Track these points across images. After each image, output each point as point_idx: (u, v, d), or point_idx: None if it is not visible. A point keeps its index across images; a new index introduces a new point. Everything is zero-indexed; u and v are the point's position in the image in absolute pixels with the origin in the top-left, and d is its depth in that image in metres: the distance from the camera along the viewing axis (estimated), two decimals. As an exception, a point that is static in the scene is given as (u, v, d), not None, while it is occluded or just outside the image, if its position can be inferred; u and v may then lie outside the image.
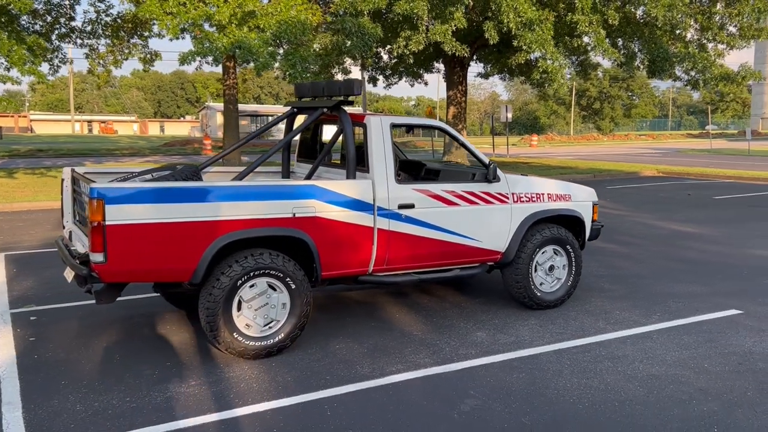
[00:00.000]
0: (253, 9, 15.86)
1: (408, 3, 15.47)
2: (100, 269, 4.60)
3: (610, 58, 17.29)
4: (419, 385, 4.64)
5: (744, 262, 8.53)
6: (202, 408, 4.28)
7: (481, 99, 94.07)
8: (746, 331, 5.77)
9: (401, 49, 17.46)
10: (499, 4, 16.21)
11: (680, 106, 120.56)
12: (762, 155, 32.15)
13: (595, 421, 4.10)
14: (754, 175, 20.44)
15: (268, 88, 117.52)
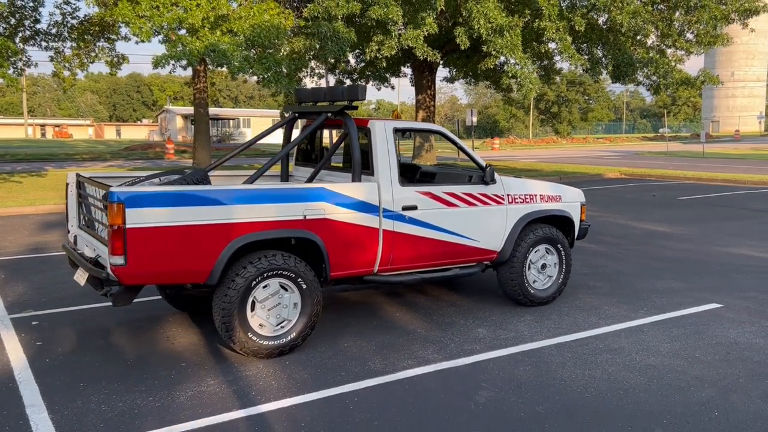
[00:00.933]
0: (225, 13, 15.90)
1: (382, 8, 15.68)
2: (119, 272, 4.67)
3: (576, 63, 17.76)
4: (433, 379, 4.83)
5: (716, 259, 8.95)
6: (227, 405, 4.39)
7: (441, 103, 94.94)
8: (729, 323, 6.11)
9: (374, 54, 17.65)
10: (470, 10, 16.55)
11: (633, 110, 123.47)
12: (716, 157, 33.29)
13: (604, 408, 4.34)
14: (712, 176, 21.21)
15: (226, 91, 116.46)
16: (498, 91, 28.84)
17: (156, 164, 29.35)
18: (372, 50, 17.61)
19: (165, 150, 37.17)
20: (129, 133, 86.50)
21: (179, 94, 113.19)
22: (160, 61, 15.19)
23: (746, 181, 19.89)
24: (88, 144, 57.62)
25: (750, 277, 7.92)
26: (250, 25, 15.92)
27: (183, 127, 66.23)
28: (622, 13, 16.66)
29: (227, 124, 68.74)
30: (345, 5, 15.94)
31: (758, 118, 75.68)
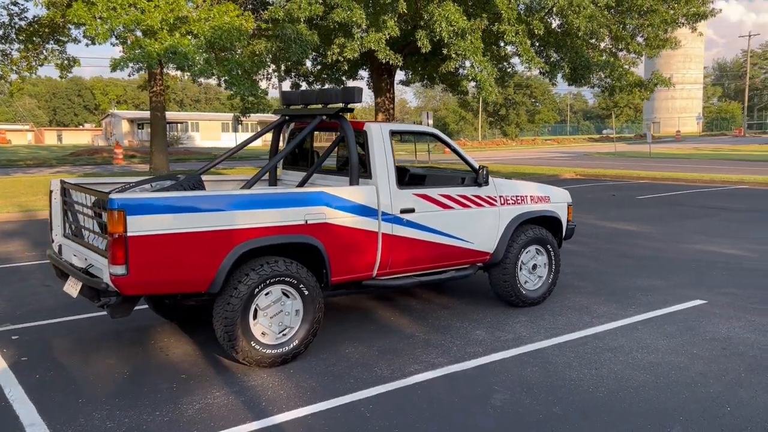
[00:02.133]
0: (185, 14, 15.58)
1: (346, 11, 15.61)
2: (120, 282, 4.48)
3: (535, 66, 18.03)
4: (443, 383, 4.79)
5: (688, 257, 9.18)
6: (240, 417, 4.26)
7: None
8: (717, 319, 6.25)
9: (335, 56, 17.56)
10: (431, 13, 16.63)
11: (577, 112, 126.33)
12: (662, 157, 34.30)
13: (619, 407, 4.37)
14: (663, 175, 21.82)
15: (171, 94, 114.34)
16: (454, 94, 29.10)
17: (106, 170, 28.55)
18: (333, 53, 17.50)
19: (114, 155, 36.21)
20: (71, 138, 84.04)
21: (123, 97, 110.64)
22: (118, 63, 14.78)
23: (697, 180, 20.53)
24: (29, 150, 55.78)
25: (724, 274, 8.14)
26: (210, 27, 15.64)
27: (129, 132, 64.70)
28: (579, 17, 16.99)
29: (175, 128, 67.42)
30: (307, 7, 15.82)
31: (697, 119, 78.35)
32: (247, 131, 66.00)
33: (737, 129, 75.27)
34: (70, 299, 6.98)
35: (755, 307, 6.64)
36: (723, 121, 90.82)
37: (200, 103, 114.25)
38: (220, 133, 70.55)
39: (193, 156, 41.73)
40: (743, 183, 19.47)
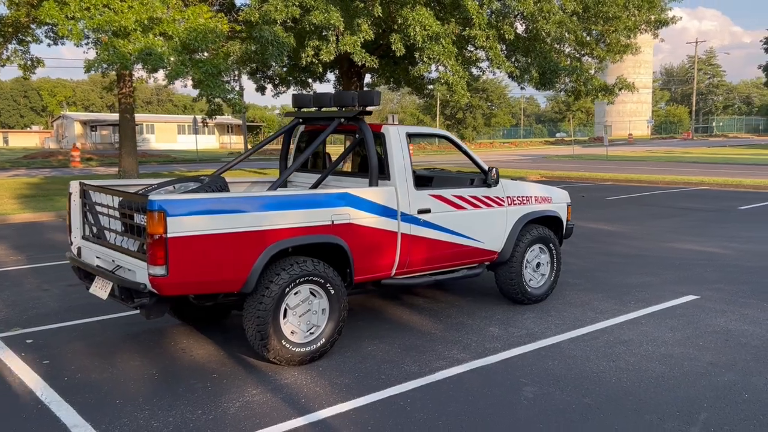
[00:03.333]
0: (160, 15, 15.41)
1: (323, 14, 15.67)
2: (160, 283, 4.51)
3: (506, 71, 18.37)
4: (472, 378, 4.94)
5: (670, 254, 9.56)
6: (284, 414, 4.33)
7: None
8: (714, 313, 6.57)
9: (310, 59, 17.58)
10: (405, 17, 16.79)
11: (529, 115, 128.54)
12: (619, 159, 35.25)
13: (644, 396, 4.59)
14: (626, 177, 22.48)
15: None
16: (420, 97, 29.36)
17: (65, 173, 27.94)
18: (308, 55, 17.52)
19: (70, 158, 35.34)
20: (18, 140, 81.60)
21: (72, 99, 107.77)
22: (92, 64, 14.55)
23: (659, 182, 21.22)
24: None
25: (709, 270, 8.52)
26: (185, 29, 15.50)
27: (82, 134, 63.23)
28: (549, 23, 17.40)
29: (129, 131, 66.13)
30: (284, 10, 15.82)
31: (648, 123, 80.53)
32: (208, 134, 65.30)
33: (685, 132, 77.75)
34: (74, 302, 7.00)
35: (745, 301, 6.99)
36: (671, 124, 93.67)
37: (152, 105, 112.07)
38: (176, 135, 69.56)
39: (152, 158, 41.07)
40: (703, 184, 20.21)
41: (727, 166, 28.70)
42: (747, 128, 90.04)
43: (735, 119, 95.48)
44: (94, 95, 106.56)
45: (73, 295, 7.40)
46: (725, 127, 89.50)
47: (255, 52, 16.47)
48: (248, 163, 35.61)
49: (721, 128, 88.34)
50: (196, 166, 34.19)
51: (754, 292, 7.36)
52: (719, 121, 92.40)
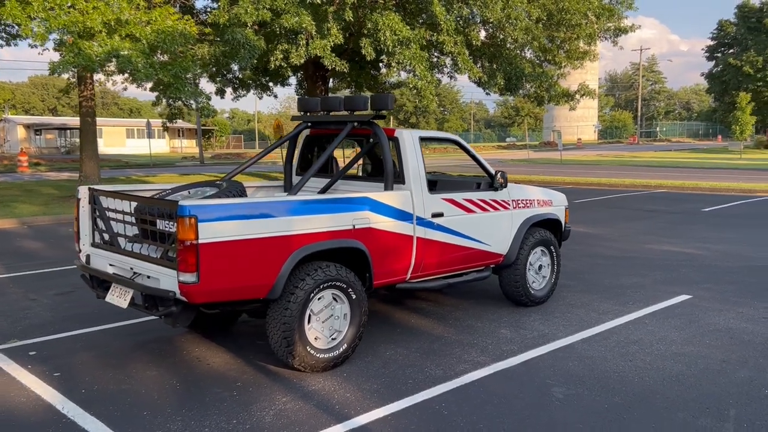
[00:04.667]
0: (127, 17, 15.06)
1: (294, 17, 15.56)
2: (190, 290, 4.40)
3: (474, 76, 18.57)
4: (499, 380, 4.97)
5: (651, 256, 9.81)
6: (320, 421, 4.27)
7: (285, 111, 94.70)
8: (711, 312, 6.77)
9: (278, 62, 17.44)
10: (375, 22, 16.82)
11: (479, 120, 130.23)
12: (574, 163, 35.98)
13: (671, 394, 4.70)
14: (588, 180, 22.99)
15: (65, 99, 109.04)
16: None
17: (16, 178, 27.01)
18: (277, 58, 17.37)
19: (18, 162, 34.17)
20: (-48, 144, 78.23)
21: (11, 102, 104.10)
22: (58, 66, 14.09)
23: (619, 185, 21.77)
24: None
25: (693, 271, 8.77)
26: (153, 31, 15.18)
27: (26, 138, 61.11)
28: (516, 30, 17.67)
29: (75, 134, 64.33)
30: (254, 12, 15.65)
31: (595, 128, 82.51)
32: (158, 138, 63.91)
33: (631, 137, 79.92)
34: (68, 312, 6.80)
35: (736, 300, 7.22)
36: (616, 129, 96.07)
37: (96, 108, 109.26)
38: (125, 139, 67.98)
39: (103, 163, 39.86)
40: (662, 187, 20.82)
41: (678, 169, 29.62)
42: (688, 133, 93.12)
43: (677, 124, 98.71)
44: (35, 98, 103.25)
45: (63, 305, 7.17)
46: (668, 131, 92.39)
47: (225, 54, 16.23)
48: (174, 168, 35.13)
49: (664, 133, 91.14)
50: (152, 171, 33.46)
51: (742, 292, 7.61)
52: (662, 126, 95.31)
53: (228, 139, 79.28)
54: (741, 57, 50.33)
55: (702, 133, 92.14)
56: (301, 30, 15.91)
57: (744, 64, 49.48)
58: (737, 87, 49.79)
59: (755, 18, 51.20)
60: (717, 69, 54.08)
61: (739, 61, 50.07)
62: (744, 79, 49.72)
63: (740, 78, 50.12)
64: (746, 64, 49.37)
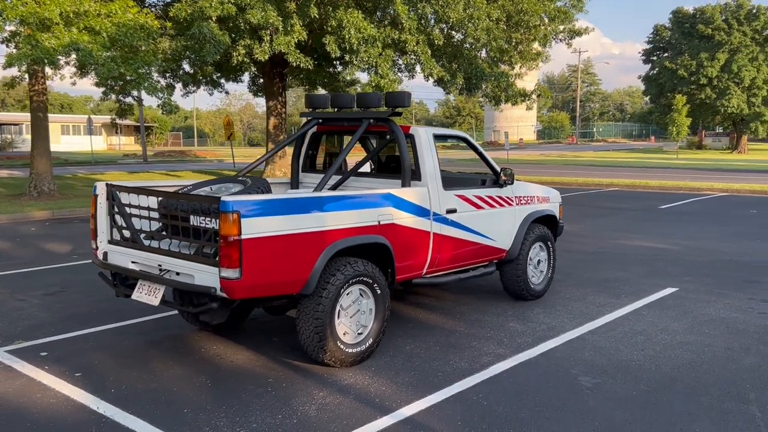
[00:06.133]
0: (87, 9, 14.61)
1: (261, 12, 15.42)
2: (232, 286, 4.37)
3: (437, 75, 18.77)
4: (524, 371, 5.10)
5: (628, 251, 10.19)
6: (366, 414, 4.31)
7: (236, 110, 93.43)
8: (700, 303, 7.10)
9: (241, 58, 17.23)
10: (339, 19, 16.81)
11: (420, 120, 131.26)
12: (521, 163, 36.74)
13: (690, 381, 4.92)
14: (542, 179, 23.48)
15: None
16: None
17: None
18: (240, 54, 17.16)
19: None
20: None
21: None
22: (16, 59, 13.58)
23: (572, 183, 22.40)
24: None
25: (669, 265, 9.15)
26: (113, 24, 14.78)
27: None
28: (478, 30, 17.96)
29: (8, 131, 61.86)
30: (219, 6, 15.43)
31: (535, 128, 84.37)
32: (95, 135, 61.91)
33: (570, 137, 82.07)
34: (65, 312, 6.66)
35: (719, 292, 7.59)
36: (554, 129, 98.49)
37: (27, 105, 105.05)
38: (60, 135, 65.60)
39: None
40: (614, 185, 21.54)
41: (622, 168, 30.66)
42: (623, 133, 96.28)
43: (612, 125, 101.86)
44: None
45: (56, 305, 6.96)
46: (604, 132, 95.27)
47: (189, 49, 15.93)
48: (119, 166, 34.34)
49: (601, 133, 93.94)
50: (96, 168, 32.48)
51: (721, 284, 7.99)
52: (599, 127, 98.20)
53: (168, 137, 77.58)
54: (676, 60, 52.33)
55: (636, 134, 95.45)
56: (268, 25, 15.77)
57: (679, 67, 51.46)
58: (672, 89, 51.78)
59: (689, 23, 53.33)
60: (653, 72, 56.07)
61: (674, 65, 52.03)
62: (679, 82, 51.71)
63: (675, 81, 52.10)
64: (681, 68, 51.36)
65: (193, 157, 47.84)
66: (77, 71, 18.44)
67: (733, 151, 53.71)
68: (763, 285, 7.98)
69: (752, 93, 50.88)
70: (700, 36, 52.15)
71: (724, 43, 50.69)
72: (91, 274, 8.40)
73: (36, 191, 17.44)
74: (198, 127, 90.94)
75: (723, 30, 51.07)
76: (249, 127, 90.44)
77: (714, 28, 51.28)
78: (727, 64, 50.37)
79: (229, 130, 30.40)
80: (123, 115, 23.43)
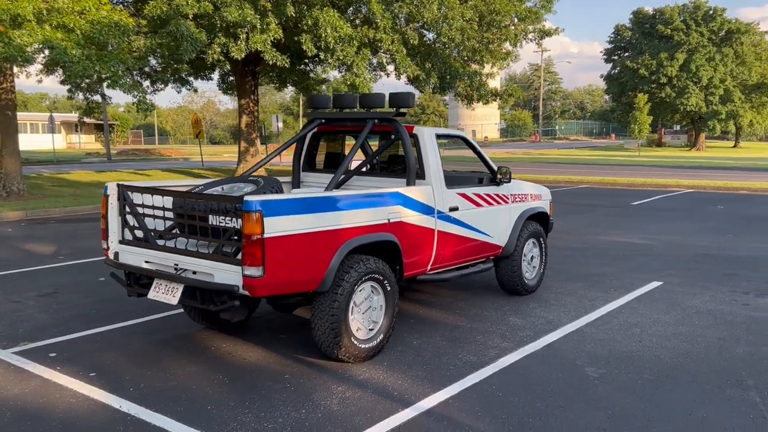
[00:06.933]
0: (59, 6, 14.39)
1: (238, 10, 15.37)
2: (255, 284, 4.44)
3: (412, 74, 18.93)
4: (532, 363, 5.27)
5: (609, 247, 10.48)
6: (389, 407, 4.42)
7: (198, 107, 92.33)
8: (686, 296, 7.38)
9: (217, 56, 17.15)
10: (316, 18, 16.85)
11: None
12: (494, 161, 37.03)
13: (691, 369, 5.15)
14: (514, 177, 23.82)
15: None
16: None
17: None
18: (215, 52, 17.08)
19: None
20: None
21: None
22: (-12, 56, 13.30)
23: (543, 181, 22.74)
24: None
25: (650, 260, 9.46)
26: (87, 21, 14.59)
27: None
28: (452, 30, 18.18)
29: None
30: (195, 4, 15.35)
31: (497, 126, 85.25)
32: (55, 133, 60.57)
33: (533, 135, 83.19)
34: (65, 313, 6.66)
35: (702, 285, 7.90)
36: (517, 128, 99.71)
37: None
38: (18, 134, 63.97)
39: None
40: (584, 183, 22.00)
41: (589, 166, 31.27)
42: (584, 131, 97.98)
43: (573, 123, 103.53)
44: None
45: (53, 306, 6.91)
46: (566, 130, 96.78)
47: (164, 47, 15.80)
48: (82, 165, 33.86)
49: (563, 131, 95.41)
50: (61, 168, 31.85)
51: (702, 277, 8.31)
52: (561, 125, 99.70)
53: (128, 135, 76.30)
54: (637, 60, 53.51)
55: (596, 132, 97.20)
56: (245, 24, 15.73)
57: (640, 66, 52.64)
58: (634, 88, 52.94)
59: (649, 24, 54.60)
60: (615, 71, 57.23)
61: (635, 64, 53.20)
62: (640, 81, 52.89)
63: (636, 80, 53.29)
64: (642, 67, 52.54)
65: (158, 155, 47.21)
66: (44, 69, 18.16)
67: (692, 149, 55.16)
68: (742, 278, 8.32)
69: (710, 92, 52.31)
70: (660, 36, 53.42)
71: (682, 44, 52.02)
72: (82, 275, 8.37)
73: (5, 191, 17.09)
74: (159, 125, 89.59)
75: (681, 30, 52.41)
76: (211, 125, 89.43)
77: (673, 28, 52.59)
78: (686, 63, 51.72)
79: (197, 128, 30.15)
80: (90, 113, 23.07)
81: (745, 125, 56.47)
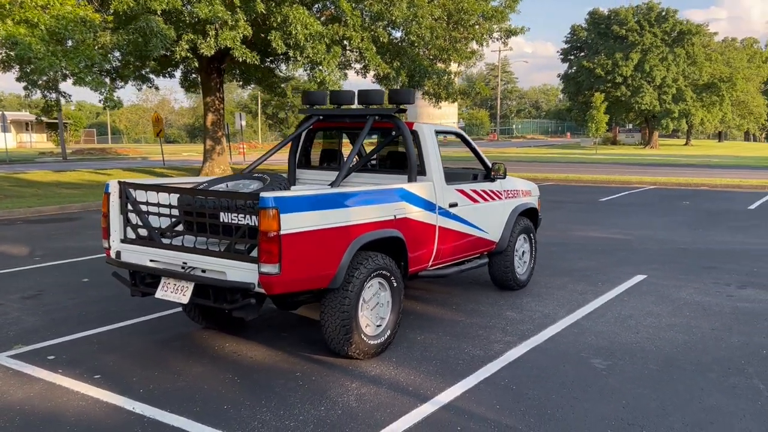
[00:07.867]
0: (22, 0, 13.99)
1: (208, 6, 15.15)
2: (271, 281, 4.39)
3: (382, 72, 18.93)
4: (538, 357, 5.33)
5: (588, 242, 10.68)
6: (407, 402, 4.42)
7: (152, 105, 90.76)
8: (672, 289, 7.56)
9: (185, 53, 16.88)
10: (285, 15, 16.73)
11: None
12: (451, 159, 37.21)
13: (692, 359, 5.28)
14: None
15: None
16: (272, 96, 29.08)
17: None
18: (183, 49, 16.80)
19: None
20: None
21: None
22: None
23: (509, 179, 23.02)
24: None
25: (630, 254, 9.67)
26: (52, 17, 14.21)
27: None
28: (422, 28, 18.25)
29: None
30: (164, 0, 15.07)
31: (457, 125, 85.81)
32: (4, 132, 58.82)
33: (492, 134, 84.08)
34: (55, 315, 6.50)
35: (685, 278, 8.11)
36: (474, 126, 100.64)
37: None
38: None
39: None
40: (549, 180, 22.33)
41: (550, 164, 31.78)
42: (540, 130, 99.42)
43: (529, 122, 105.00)
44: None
45: (41, 308, 6.71)
46: (523, 129, 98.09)
47: (132, 43, 15.47)
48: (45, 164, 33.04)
49: (519, 130, 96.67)
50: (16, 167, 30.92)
51: (683, 271, 8.53)
52: (517, 124, 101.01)
53: (81, 134, 74.46)
54: (593, 60, 54.54)
55: (552, 131, 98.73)
56: (215, 20, 15.51)
57: (596, 66, 53.67)
58: (590, 87, 53.98)
59: (604, 24, 55.72)
60: (571, 71, 58.22)
61: (591, 64, 54.22)
62: (596, 80, 53.94)
63: (592, 79, 54.33)
64: (598, 67, 53.58)
65: (115, 154, 46.20)
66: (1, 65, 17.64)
67: (646, 147, 56.53)
68: (721, 270, 8.56)
69: (663, 91, 53.66)
70: (615, 36, 54.57)
71: (637, 44, 53.24)
72: (64, 276, 8.15)
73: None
74: (112, 123, 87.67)
75: (636, 31, 53.63)
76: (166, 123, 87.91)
77: (627, 29, 53.77)
78: (640, 63, 52.95)
79: (158, 126, 29.60)
80: (49, 111, 22.50)
81: (696, 123, 58.09)
